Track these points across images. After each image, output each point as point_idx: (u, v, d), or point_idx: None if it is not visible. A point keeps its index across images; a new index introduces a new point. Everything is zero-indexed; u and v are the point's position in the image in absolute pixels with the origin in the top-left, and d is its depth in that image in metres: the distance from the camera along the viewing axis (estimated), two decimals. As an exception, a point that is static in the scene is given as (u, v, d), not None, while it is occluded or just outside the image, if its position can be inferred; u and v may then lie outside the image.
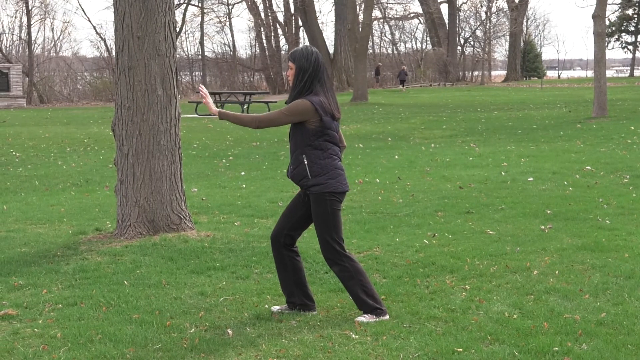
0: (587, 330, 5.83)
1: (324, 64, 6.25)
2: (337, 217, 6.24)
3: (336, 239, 6.24)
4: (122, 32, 9.31)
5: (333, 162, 6.20)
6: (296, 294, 6.45)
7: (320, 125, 6.13)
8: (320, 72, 6.20)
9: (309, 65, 6.19)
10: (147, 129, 9.32)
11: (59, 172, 16.61)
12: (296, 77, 6.23)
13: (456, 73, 76.52)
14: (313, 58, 6.20)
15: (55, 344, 5.79)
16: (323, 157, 6.18)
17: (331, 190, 6.17)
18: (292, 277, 6.44)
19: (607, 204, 10.95)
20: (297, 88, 6.23)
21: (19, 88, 46.43)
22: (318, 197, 6.20)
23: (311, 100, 6.12)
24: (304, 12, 60.19)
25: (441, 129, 25.11)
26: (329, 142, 6.20)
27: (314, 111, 6.09)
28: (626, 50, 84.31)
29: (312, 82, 6.18)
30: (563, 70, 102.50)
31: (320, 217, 6.23)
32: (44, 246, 9.07)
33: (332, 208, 6.20)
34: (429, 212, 10.76)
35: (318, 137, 6.16)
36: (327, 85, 6.24)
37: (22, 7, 60.01)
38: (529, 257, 8.06)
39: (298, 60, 6.22)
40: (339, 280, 6.42)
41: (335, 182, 6.18)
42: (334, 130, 6.22)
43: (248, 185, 13.93)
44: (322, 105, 6.12)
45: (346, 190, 6.28)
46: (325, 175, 6.17)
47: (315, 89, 6.18)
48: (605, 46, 28.37)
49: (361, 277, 6.27)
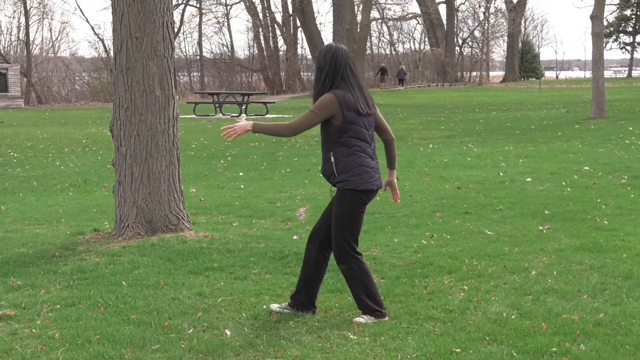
0: (585, 331, 5.83)
1: (345, 60, 6.15)
2: (355, 217, 6.19)
3: (348, 239, 6.20)
4: (120, 32, 9.30)
5: (359, 159, 6.14)
6: (303, 292, 6.44)
7: (343, 120, 6.08)
8: (340, 68, 6.13)
9: (325, 63, 6.16)
10: (145, 129, 9.32)
11: (57, 172, 16.60)
12: (316, 77, 6.24)
13: (454, 73, 76.52)
14: (330, 55, 6.16)
15: (53, 345, 5.78)
16: (348, 154, 6.13)
17: (353, 187, 6.12)
18: (310, 277, 6.42)
19: (605, 205, 10.96)
20: (317, 87, 6.22)
21: (17, 88, 46.43)
22: (341, 193, 6.17)
23: (335, 93, 6.09)
24: (302, 13, 60.14)
25: (439, 130, 25.12)
26: (354, 139, 6.13)
27: (337, 105, 6.05)
28: (624, 50, 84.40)
29: (332, 79, 6.14)
30: (561, 71, 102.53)
31: (337, 214, 6.20)
32: (42, 247, 9.07)
33: (351, 206, 6.16)
34: (427, 212, 10.76)
35: (342, 133, 6.11)
36: (351, 80, 6.15)
37: (20, 8, 60.09)
38: (527, 258, 8.06)
39: (317, 60, 6.27)
40: (344, 277, 6.40)
41: (359, 179, 6.12)
42: (360, 126, 6.14)
43: (246, 185, 13.93)
44: (345, 100, 6.07)
45: (372, 188, 6.20)
46: (349, 172, 6.12)
47: (338, 85, 6.13)
48: (603, 47, 28.39)
49: (366, 279, 6.25)
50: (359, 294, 6.26)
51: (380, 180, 6.32)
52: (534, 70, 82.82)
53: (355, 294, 6.29)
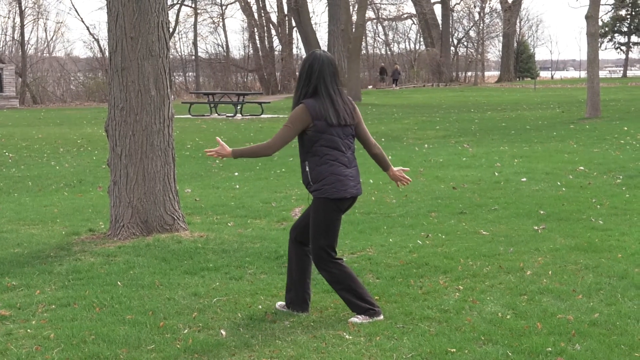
0: (581, 331, 5.83)
1: (322, 69, 6.12)
2: (331, 224, 6.21)
3: (324, 246, 6.21)
4: (116, 32, 9.30)
5: (331, 168, 6.13)
6: (293, 290, 6.46)
7: (313, 129, 6.08)
8: (314, 78, 6.12)
9: (303, 70, 6.18)
10: (141, 129, 9.31)
11: (52, 172, 16.59)
12: (297, 83, 6.25)
13: (449, 73, 76.59)
14: (308, 64, 6.16)
15: (48, 345, 5.78)
16: (320, 164, 6.13)
17: (326, 196, 6.13)
18: (295, 273, 6.45)
19: (600, 205, 10.97)
20: (296, 94, 6.24)
21: (12, 89, 46.41)
22: (316, 202, 6.20)
23: (305, 102, 6.10)
24: (298, 13, 60.14)
25: (434, 130, 25.13)
26: (325, 147, 6.12)
27: (308, 115, 6.05)
28: (619, 50, 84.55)
29: (307, 86, 6.14)
30: (556, 71, 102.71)
31: (313, 222, 6.23)
32: (37, 247, 9.06)
33: (325, 215, 6.18)
34: (422, 212, 10.76)
35: (314, 142, 6.11)
36: (325, 91, 6.12)
37: (15, 8, 60.05)
38: (523, 258, 8.07)
39: (299, 68, 6.25)
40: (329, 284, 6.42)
41: (331, 187, 6.12)
42: (332, 135, 6.12)
43: (242, 185, 13.93)
44: (315, 109, 6.07)
45: (345, 197, 6.17)
46: (322, 181, 6.13)
47: (312, 94, 6.12)
48: (598, 47, 28.43)
49: (350, 281, 6.25)
50: (346, 296, 6.28)
51: (358, 188, 6.29)
52: (529, 70, 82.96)
53: (343, 297, 6.30)
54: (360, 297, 6.25)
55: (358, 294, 6.25)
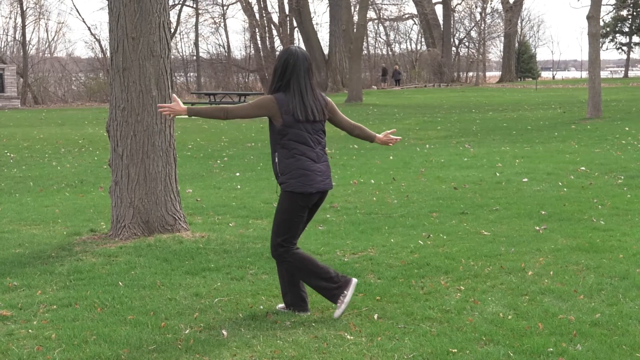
0: (582, 331, 5.83)
1: (296, 65, 6.23)
2: (294, 217, 6.28)
3: (280, 240, 6.30)
4: (117, 33, 9.30)
5: (297, 162, 6.21)
6: (288, 293, 6.47)
7: (282, 124, 6.18)
8: (288, 73, 6.22)
9: (279, 65, 6.28)
10: (142, 129, 9.31)
11: (53, 173, 16.59)
12: (271, 77, 6.36)
13: (451, 74, 76.60)
14: (284, 59, 6.26)
15: (49, 345, 5.78)
16: (288, 157, 6.23)
17: (291, 189, 6.22)
18: (285, 275, 6.46)
19: (602, 205, 10.96)
20: (269, 87, 6.34)
21: (14, 89, 46.41)
22: (282, 194, 6.31)
23: (275, 96, 6.21)
24: (299, 13, 60.22)
25: (436, 130, 25.13)
26: (293, 142, 6.22)
27: (275, 107, 6.17)
28: (620, 51, 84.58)
29: (281, 80, 6.24)
30: (557, 71, 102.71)
31: (277, 213, 6.35)
32: (38, 247, 9.06)
33: (289, 207, 6.26)
34: (423, 212, 10.76)
35: (283, 136, 6.21)
36: (296, 86, 6.22)
37: (17, 8, 60.03)
38: (524, 258, 8.07)
39: (275, 62, 6.37)
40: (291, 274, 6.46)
41: (297, 181, 6.20)
42: (301, 130, 6.21)
43: (243, 186, 13.93)
44: (283, 104, 6.17)
45: (310, 191, 6.24)
46: (288, 174, 6.22)
47: (285, 89, 6.22)
48: (600, 47, 28.44)
49: (309, 264, 6.32)
50: (311, 281, 6.34)
51: (326, 183, 6.35)
52: (531, 70, 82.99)
53: (312, 285, 6.36)
54: (325, 277, 6.31)
55: (322, 273, 6.31)
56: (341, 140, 21.66)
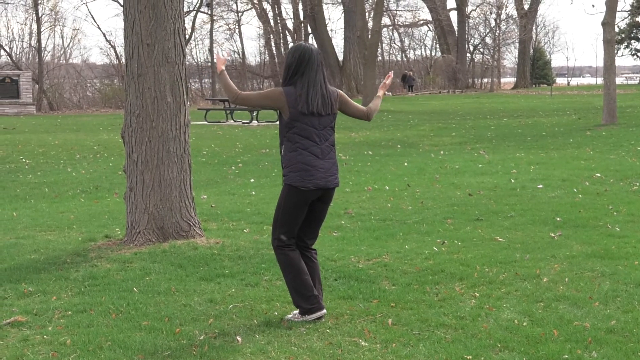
0: (597, 338, 5.81)
1: (312, 59, 6.30)
2: (290, 212, 6.37)
3: (279, 233, 6.43)
4: (132, 39, 9.33)
5: (299, 157, 6.28)
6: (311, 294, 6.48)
7: (289, 117, 6.26)
8: (303, 66, 6.29)
9: (292, 61, 6.34)
10: (157, 136, 9.33)
11: (68, 179, 16.65)
12: (283, 72, 6.45)
13: (465, 80, 76.46)
14: (298, 54, 6.33)
15: (64, 351, 5.80)
16: (291, 150, 6.31)
17: (290, 183, 6.30)
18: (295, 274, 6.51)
19: (617, 212, 10.93)
20: (284, 81, 6.40)
21: (29, 95, 46.54)
22: (284, 186, 6.41)
23: (284, 88, 6.30)
24: (314, 20, 60.29)
25: (450, 136, 25.10)
26: (298, 136, 6.29)
27: (283, 100, 6.25)
28: (636, 57, 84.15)
29: (294, 75, 6.31)
30: (572, 78, 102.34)
31: (277, 205, 6.47)
32: (53, 253, 9.09)
33: (288, 200, 6.35)
34: (438, 219, 10.75)
35: (289, 129, 6.30)
36: (306, 80, 6.29)
37: (32, 15, 60.18)
38: (539, 265, 8.05)
39: (286, 57, 6.47)
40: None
41: (297, 175, 6.27)
42: (307, 125, 6.27)
43: (257, 192, 13.94)
44: (290, 97, 6.24)
45: (309, 187, 6.28)
46: (289, 167, 6.31)
47: (295, 83, 6.29)
48: (615, 53, 28.36)
49: (293, 271, 6.37)
50: (289, 285, 6.46)
51: (329, 181, 6.38)
52: (545, 76, 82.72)
53: (287, 284, 6.50)
54: (299, 290, 6.37)
55: (297, 286, 6.37)
56: (355, 147, 21.65)
